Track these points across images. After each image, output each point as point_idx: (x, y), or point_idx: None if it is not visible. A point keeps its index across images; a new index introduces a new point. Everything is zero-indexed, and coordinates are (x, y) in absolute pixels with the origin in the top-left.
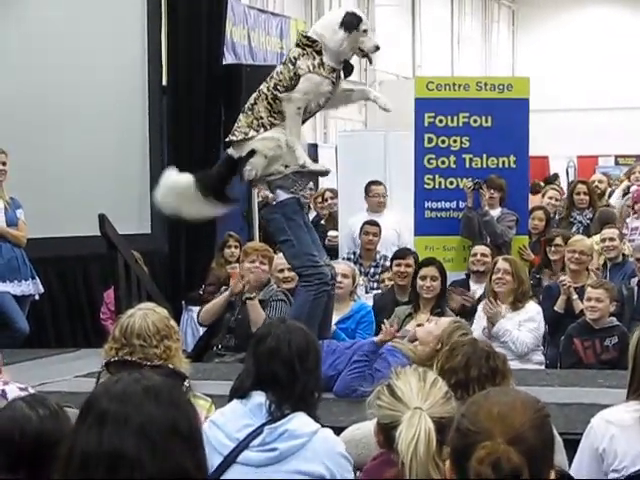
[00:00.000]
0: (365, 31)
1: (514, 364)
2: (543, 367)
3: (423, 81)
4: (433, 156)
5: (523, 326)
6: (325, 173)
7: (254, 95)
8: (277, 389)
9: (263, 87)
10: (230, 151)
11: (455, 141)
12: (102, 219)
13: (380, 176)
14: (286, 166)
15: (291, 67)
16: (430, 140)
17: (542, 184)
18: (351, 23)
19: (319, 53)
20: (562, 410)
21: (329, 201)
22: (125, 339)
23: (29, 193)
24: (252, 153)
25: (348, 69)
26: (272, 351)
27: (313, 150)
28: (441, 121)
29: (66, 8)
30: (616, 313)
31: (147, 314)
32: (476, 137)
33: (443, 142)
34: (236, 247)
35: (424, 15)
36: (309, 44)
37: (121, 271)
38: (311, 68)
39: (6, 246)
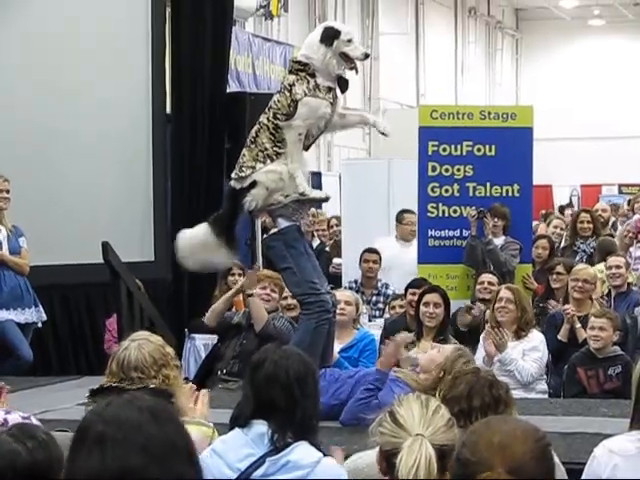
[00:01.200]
0: (349, 40)
1: (517, 393)
2: (546, 396)
3: (427, 110)
4: (437, 184)
5: (527, 355)
6: (325, 200)
7: (255, 128)
8: (277, 416)
9: (263, 118)
10: (232, 183)
11: (459, 170)
12: (105, 247)
13: (383, 204)
14: (286, 196)
15: (288, 94)
16: (434, 168)
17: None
18: (328, 35)
19: (312, 76)
20: (565, 439)
21: (334, 228)
22: (123, 373)
23: (32, 221)
24: (253, 184)
25: (343, 85)
26: (270, 377)
27: (317, 178)
28: (445, 150)
29: (70, 37)
30: (620, 342)
31: (142, 345)
32: (480, 166)
33: (447, 170)
34: (240, 275)
35: (428, 44)
36: (301, 68)
37: (124, 299)
38: (307, 92)
39: (9, 274)
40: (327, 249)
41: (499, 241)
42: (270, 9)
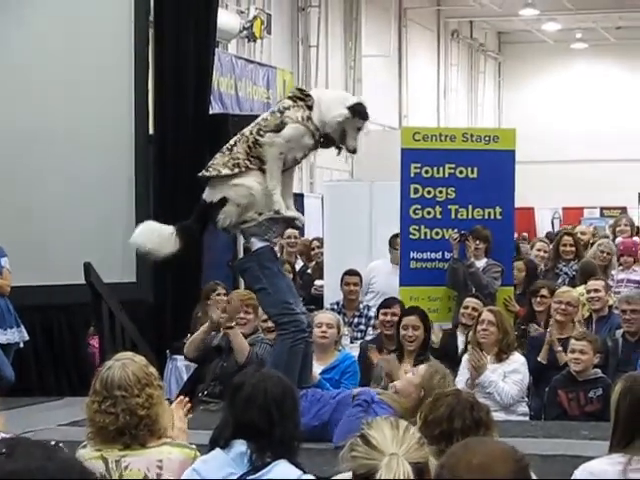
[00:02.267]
0: (359, 129)
1: (498, 415)
2: (527, 418)
3: (409, 131)
4: (419, 206)
5: (508, 377)
6: (299, 221)
7: (235, 137)
8: (256, 437)
9: (246, 130)
10: (204, 195)
11: (441, 192)
12: (87, 268)
13: (365, 226)
14: (260, 213)
15: (278, 115)
16: (416, 191)
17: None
18: (360, 112)
19: (310, 108)
20: (546, 462)
21: (316, 250)
22: (107, 391)
23: (13, 241)
24: (224, 201)
25: (328, 142)
26: (248, 399)
27: (300, 200)
28: (427, 172)
29: (53, 55)
30: (601, 365)
31: (126, 364)
32: (462, 188)
33: (429, 193)
34: (225, 294)
35: (410, 66)
36: (302, 97)
37: (106, 320)
38: (300, 119)
39: None
40: (309, 271)
41: (481, 263)
42: (253, 31)
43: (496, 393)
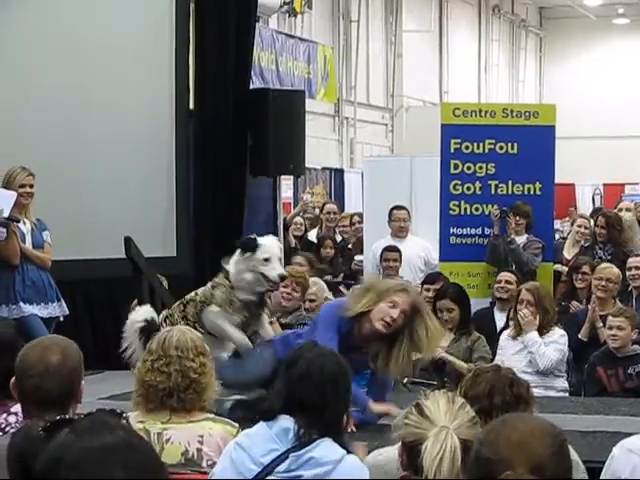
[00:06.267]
0: (267, 260)
1: (537, 391)
2: (567, 394)
3: (449, 107)
4: (459, 182)
5: (549, 346)
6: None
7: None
8: (306, 414)
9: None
10: None
11: (481, 167)
12: (128, 242)
13: (406, 202)
14: None
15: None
16: (456, 166)
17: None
18: (247, 245)
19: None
20: (586, 438)
21: (356, 225)
22: (162, 351)
23: (55, 216)
24: None
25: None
26: (303, 375)
27: (339, 175)
28: (467, 147)
29: (93, 36)
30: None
31: (185, 331)
32: (502, 164)
33: (469, 168)
34: None
35: (452, 41)
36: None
37: (146, 294)
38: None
39: (32, 268)
40: (349, 246)
41: (521, 239)
42: (294, 6)
43: (537, 355)
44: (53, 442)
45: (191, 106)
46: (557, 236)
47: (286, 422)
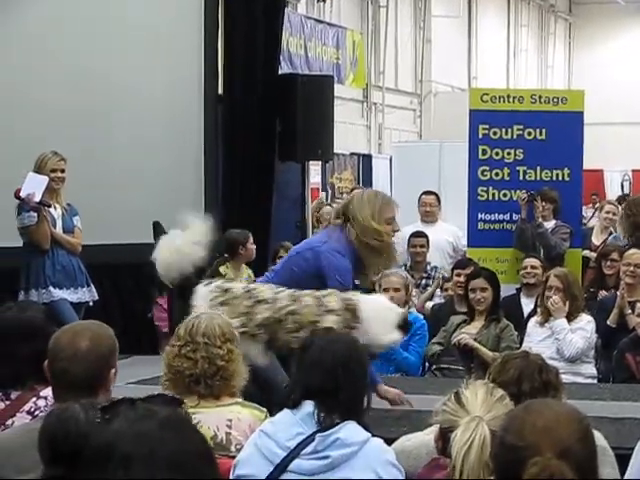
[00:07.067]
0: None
1: (565, 377)
2: (595, 381)
3: (478, 93)
4: (487, 168)
5: (575, 333)
6: None
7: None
8: (323, 399)
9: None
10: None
11: (509, 153)
12: (156, 227)
13: (434, 187)
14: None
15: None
16: (484, 152)
17: None
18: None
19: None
20: (614, 425)
21: None
22: (190, 337)
23: (84, 200)
24: None
25: None
26: (315, 362)
27: (367, 161)
28: (495, 133)
29: (125, 17)
30: None
31: (214, 316)
32: (530, 150)
33: (497, 154)
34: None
35: (480, 27)
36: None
37: None
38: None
39: (62, 253)
40: None
41: (550, 225)
42: None
43: (564, 342)
44: (107, 428)
45: (220, 91)
46: None
47: (310, 407)
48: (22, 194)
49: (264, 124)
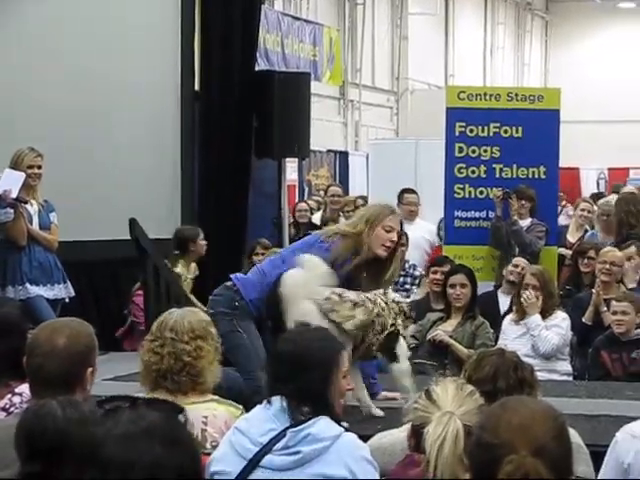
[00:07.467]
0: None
1: (541, 375)
2: (570, 378)
3: (454, 90)
4: (463, 165)
5: (550, 330)
6: None
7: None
8: (287, 392)
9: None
10: None
11: (485, 151)
12: (133, 223)
13: (411, 184)
14: None
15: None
16: (461, 150)
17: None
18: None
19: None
20: (590, 422)
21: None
22: (159, 332)
23: (60, 197)
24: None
25: None
26: (276, 356)
27: (344, 158)
28: (472, 131)
29: (100, 18)
30: None
31: (185, 313)
32: (506, 147)
33: (474, 152)
34: (263, 254)
35: (457, 24)
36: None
37: (151, 276)
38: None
39: (39, 249)
40: None
41: (526, 223)
42: None
43: (538, 339)
44: (98, 427)
45: (197, 88)
46: None
47: (280, 402)
48: None
49: (241, 121)
